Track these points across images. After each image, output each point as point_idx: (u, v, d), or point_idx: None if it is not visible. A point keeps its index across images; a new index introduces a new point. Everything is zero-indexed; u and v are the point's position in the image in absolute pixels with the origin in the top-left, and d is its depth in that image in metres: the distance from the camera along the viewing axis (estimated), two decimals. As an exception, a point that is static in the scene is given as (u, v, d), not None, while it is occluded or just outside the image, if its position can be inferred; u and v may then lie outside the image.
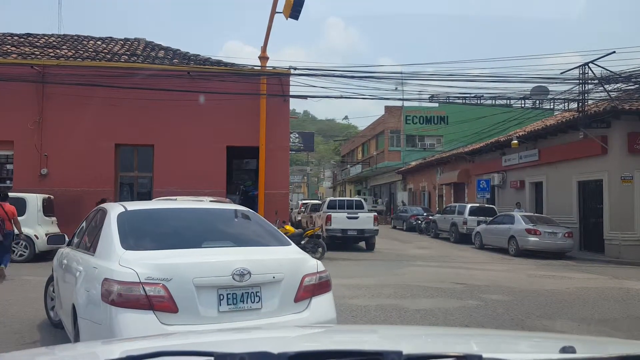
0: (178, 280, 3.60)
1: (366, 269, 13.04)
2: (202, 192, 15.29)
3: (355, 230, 17.34)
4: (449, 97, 16.60)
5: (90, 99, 15.75)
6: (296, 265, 4.09)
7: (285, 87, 16.22)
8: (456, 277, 11.33)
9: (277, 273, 3.92)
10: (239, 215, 4.95)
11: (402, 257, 16.30)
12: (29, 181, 15.63)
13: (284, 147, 16.66)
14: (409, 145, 39.29)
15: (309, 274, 4.05)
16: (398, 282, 10.53)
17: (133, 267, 3.59)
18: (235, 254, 4.02)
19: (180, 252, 3.92)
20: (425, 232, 25.70)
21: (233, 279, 3.70)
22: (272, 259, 4.12)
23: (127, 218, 4.26)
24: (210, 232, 4.54)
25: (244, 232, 4.67)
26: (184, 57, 18.46)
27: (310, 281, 4.02)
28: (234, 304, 3.72)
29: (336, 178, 67.16)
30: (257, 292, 3.80)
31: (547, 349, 1.71)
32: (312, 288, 4.02)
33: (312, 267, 4.15)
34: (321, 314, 4.01)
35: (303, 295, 3.97)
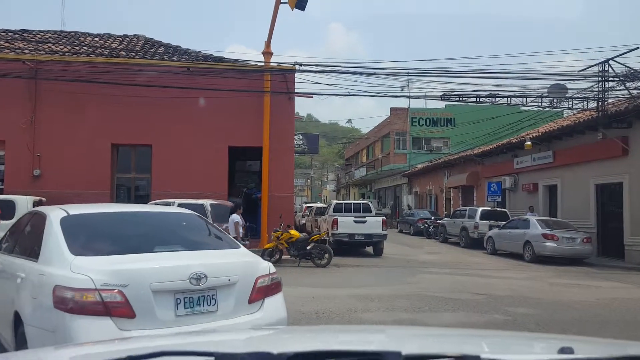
0: (135, 286, 3.59)
1: (376, 276, 12.23)
2: (203, 195, 14.57)
3: (363, 234, 16.53)
4: (462, 95, 15.79)
5: (85, 97, 15.04)
6: (250, 268, 4.17)
7: (290, 84, 15.46)
8: (474, 287, 10.52)
9: (232, 276, 3.99)
10: (186, 218, 4.92)
11: (412, 263, 15.48)
12: (20, 183, 14.90)
13: (288, 147, 15.88)
14: (415, 147, 38.47)
15: (262, 276, 4.14)
16: (412, 292, 9.72)
17: (87, 273, 3.53)
18: (192, 258, 4.05)
19: (135, 258, 3.88)
20: (433, 236, 24.86)
21: (190, 283, 3.74)
22: (226, 262, 4.18)
23: (72, 223, 4.16)
24: (161, 237, 4.51)
25: (193, 235, 4.67)
26: (184, 54, 17.73)
27: (263, 283, 4.12)
28: (191, 307, 3.77)
29: (340, 181, 66.42)
30: (213, 294, 3.87)
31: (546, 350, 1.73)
32: (265, 289, 4.13)
33: (265, 269, 4.24)
34: (273, 314, 4.12)
35: (256, 296, 4.07)
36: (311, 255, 13.79)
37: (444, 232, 23.20)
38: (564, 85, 16.20)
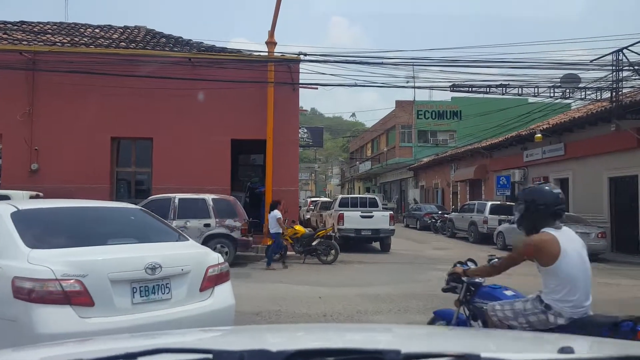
0: (94, 276, 3.80)
1: (385, 274, 11.79)
2: (205, 189, 14.14)
3: (370, 230, 16.09)
4: (472, 86, 15.27)
5: (84, 89, 14.59)
6: (201, 258, 4.44)
7: (294, 74, 14.96)
8: (488, 285, 10.06)
9: (185, 266, 4.24)
10: (134, 213, 5.11)
11: (421, 259, 15.04)
12: (18, 177, 14.49)
13: (293, 140, 15.41)
14: (420, 140, 37.96)
15: (212, 266, 4.41)
16: (425, 291, 9.27)
17: (47, 264, 3.72)
18: (147, 250, 4.29)
19: (92, 250, 4.08)
20: (440, 231, 24.41)
21: (146, 272, 3.98)
22: (179, 253, 4.44)
23: (23, 217, 4.29)
24: (112, 230, 4.67)
25: (143, 229, 4.85)
26: (186, 45, 17.25)
27: (213, 272, 4.39)
28: (146, 295, 4.00)
29: (344, 175, 65.99)
30: (167, 283, 4.11)
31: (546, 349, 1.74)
32: (215, 278, 4.40)
33: (215, 259, 4.51)
34: (223, 301, 4.41)
35: (207, 285, 4.33)
36: (317, 252, 13.37)
37: (451, 226, 22.73)
38: (576, 75, 15.68)
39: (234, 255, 12.61)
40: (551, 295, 3.50)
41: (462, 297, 4.13)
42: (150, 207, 12.64)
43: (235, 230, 12.57)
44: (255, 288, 9.45)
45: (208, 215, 12.54)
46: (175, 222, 12.30)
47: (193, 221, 12.43)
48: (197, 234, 12.35)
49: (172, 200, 12.56)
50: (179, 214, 12.43)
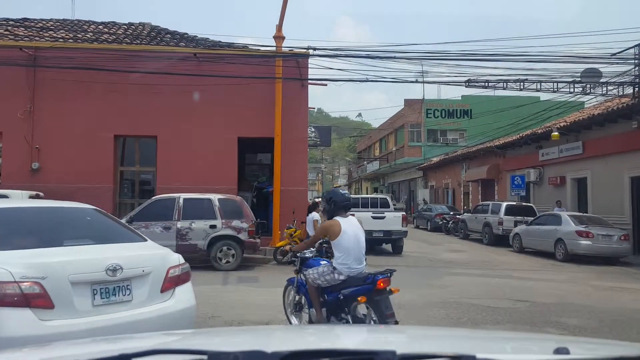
0: (53, 278, 3.75)
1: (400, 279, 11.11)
2: (211, 189, 13.63)
3: (382, 231, 15.49)
4: (488, 81, 14.65)
5: (86, 86, 14.13)
6: (162, 259, 4.41)
7: (303, 70, 14.40)
8: (513, 291, 9.45)
9: (146, 267, 4.21)
10: (89, 213, 4.96)
11: (436, 262, 14.43)
12: (19, 176, 14.02)
13: (302, 138, 14.84)
14: (430, 140, 37.29)
15: (173, 266, 4.39)
16: (445, 297, 8.68)
17: (5, 266, 3.63)
18: (107, 251, 4.24)
19: (51, 251, 4.01)
20: (453, 232, 23.76)
21: (106, 274, 3.94)
22: (140, 254, 4.40)
23: None
24: (68, 231, 4.57)
25: (100, 229, 4.76)
26: (191, 41, 16.73)
27: (174, 272, 4.37)
28: (107, 297, 3.96)
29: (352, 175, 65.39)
30: (128, 285, 4.08)
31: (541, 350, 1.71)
32: (176, 279, 4.39)
33: (175, 260, 4.50)
34: (184, 302, 4.38)
35: (168, 285, 4.31)
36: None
37: (464, 228, 22.09)
38: (597, 69, 15.02)
39: (241, 258, 12.07)
40: (336, 261, 5.17)
41: (298, 267, 5.82)
42: (154, 207, 12.17)
43: (242, 232, 12.03)
44: (264, 294, 8.89)
45: (214, 216, 12.00)
46: (180, 223, 11.81)
47: (198, 222, 11.90)
48: (202, 235, 11.84)
49: (176, 201, 12.04)
50: (184, 215, 11.91)
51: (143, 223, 11.72)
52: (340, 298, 5.12)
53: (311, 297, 5.41)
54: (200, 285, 9.77)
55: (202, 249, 11.84)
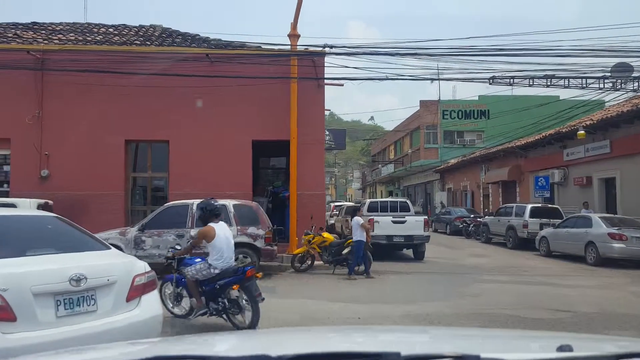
0: (15, 290, 3.63)
1: (426, 287, 10.58)
2: (225, 194, 13.09)
3: (403, 236, 14.85)
4: (514, 77, 13.98)
5: (96, 89, 13.70)
6: (127, 268, 4.32)
7: (319, 69, 13.84)
8: (549, 300, 8.79)
9: (111, 276, 4.11)
10: (51, 222, 4.86)
11: (461, 268, 13.77)
12: (27, 184, 13.61)
13: (318, 140, 14.27)
14: (446, 141, 36.53)
15: (139, 275, 4.29)
16: (477, 309, 8.04)
17: None
18: (70, 261, 4.11)
19: (12, 262, 3.87)
20: (474, 236, 23.02)
21: (70, 284, 3.84)
22: (105, 263, 4.29)
23: None
24: (29, 240, 4.42)
25: (62, 238, 4.60)
26: (203, 42, 16.27)
27: (140, 281, 4.27)
28: (71, 308, 3.85)
29: (366, 179, 64.74)
30: (93, 295, 3.98)
31: (545, 348, 1.71)
32: (142, 287, 4.29)
33: (141, 268, 4.40)
34: (150, 310, 4.31)
35: (133, 294, 4.22)
36: (347, 262, 12.20)
37: (486, 231, 21.35)
38: (628, 64, 14.29)
39: (257, 266, 11.51)
40: (211, 258, 6.41)
41: (175, 267, 6.90)
42: (167, 214, 11.67)
43: (258, 239, 11.48)
44: (281, 305, 8.33)
45: (229, 222, 11.42)
46: (193, 231, 11.28)
47: (212, 229, 11.37)
48: (217, 243, 11.30)
49: (189, 207, 11.53)
50: (197, 222, 11.37)
51: (155, 231, 11.24)
52: (217, 287, 6.33)
53: (190, 289, 6.50)
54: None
55: (216, 257, 11.31)
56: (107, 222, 13.42)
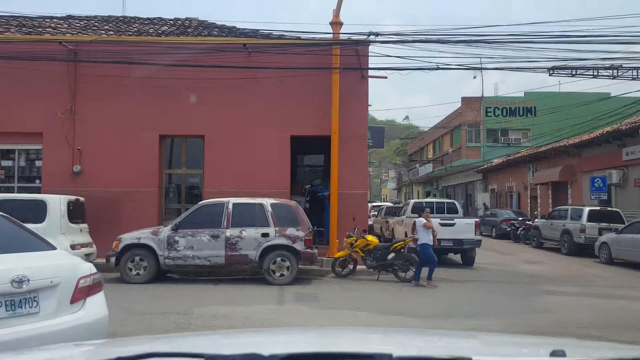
0: None
1: (483, 298, 9.55)
2: (261, 193, 12.35)
3: (451, 240, 13.79)
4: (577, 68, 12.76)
5: (129, 82, 13.16)
6: (72, 269, 4.25)
7: (362, 59, 12.92)
8: (635, 318, 7.65)
9: (55, 278, 4.05)
10: None
11: (517, 276, 12.65)
12: (59, 180, 13.13)
13: (361, 136, 13.33)
14: (489, 140, 35.03)
15: (84, 277, 4.24)
16: (552, 327, 6.98)
17: None
18: (12, 262, 3.99)
19: None
20: (523, 240, 21.68)
21: (12, 286, 3.76)
22: (48, 265, 4.20)
23: None
24: None
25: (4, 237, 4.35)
26: (240, 34, 15.57)
27: (85, 283, 4.22)
28: (12, 310, 3.79)
29: (401, 179, 63.39)
30: (35, 297, 3.92)
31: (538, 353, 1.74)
32: (87, 289, 4.24)
33: (87, 270, 4.34)
34: (95, 313, 4.24)
35: (78, 296, 4.16)
36: (393, 267, 11.24)
37: (537, 235, 20.00)
38: None
39: (296, 271, 10.68)
40: None
41: None
42: (201, 213, 10.94)
43: (297, 241, 10.65)
44: (328, 317, 7.47)
45: (266, 223, 10.68)
46: (229, 231, 10.54)
47: (249, 230, 10.60)
48: (254, 244, 10.53)
49: (225, 206, 10.78)
50: (233, 222, 10.63)
51: (189, 231, 10.53)
52: None
53: None
54: (251, 305, 8.43)
55: (253, 260, 10.53)
56: (140, 220, 12.84)
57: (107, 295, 9.36)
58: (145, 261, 10.42)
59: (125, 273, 10.37)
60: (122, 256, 10.44)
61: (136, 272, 10.41)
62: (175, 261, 10.48)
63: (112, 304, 8.69)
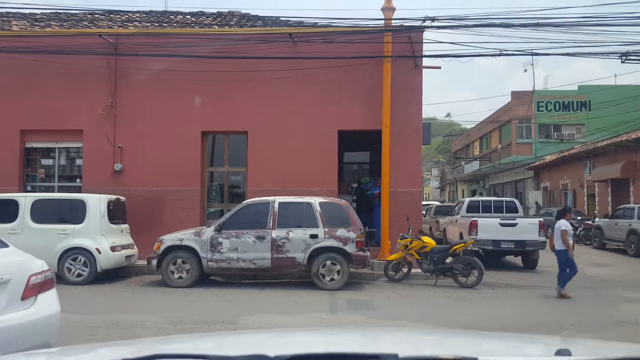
0: None
1: (560, 307, 8.54)
2: (308, 191, 11.66)
3: (513, 242, 12.75)
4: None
5: (170, 77, 12.66)
6: (22, 266, 4.29)
7: (416, 46, 12.02)
8: None
9: (5, 274, 4.07)
10: None
11: (587, 281, 11.49)
12: (100, 179, 12.76)
13: (415, 130, 12.42)
14: (541, 136, 33.38)
15: (35, 274, 4.28)
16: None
17: None
18: None
19: None
20: (583, 240, 20.29)
21: None
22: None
23: None
24: None
25: None
26: (284, 26, 14.90)
27: (36, 280, 4.26)
28: None
29: (445, 177, 61.78)
30: None
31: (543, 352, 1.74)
32: (39, 286, 4.27)
33: (38, 267, 4.37)
34: (47, 309, 4.27)
35: (29, 293, 4.21)
36: (453, 272, 10.32)
37: (599, 236, 18.62)
38: None
39: (347, 275, 9.91)
40: None
41: None
42: (246, 213, 10.24)
43: (349, 243, 9.88)
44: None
45: (315, 223, 9.95)
46: (275, 232, 9.87)
47: (296, 231, 9.90)
48: (301, 247, 9.81)
49: (270, 205, 10.11)
50: (280, 222, 9.95)
51: (233, 232, 9.90)
52: None
53: None
54: (301, 313, 7.69)
55: (301, 263, 9.82)
56: (181, 220, 12.36)
57: (148, 300, 8.85)
58: (188, 264, 9.85)
59: (167, 276, 9.82)
60: (163, 258, 9.89)
61: (178, 276, 9.84)
62: (219, 264, 9.87)
63: (153, 311, 8.13)
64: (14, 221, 10.06)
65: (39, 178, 13.33)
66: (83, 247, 9.98)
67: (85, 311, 7.59)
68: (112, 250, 10.25)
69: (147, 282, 10.36)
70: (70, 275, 9.91)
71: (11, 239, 9.88)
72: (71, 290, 9.33)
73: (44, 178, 13.30)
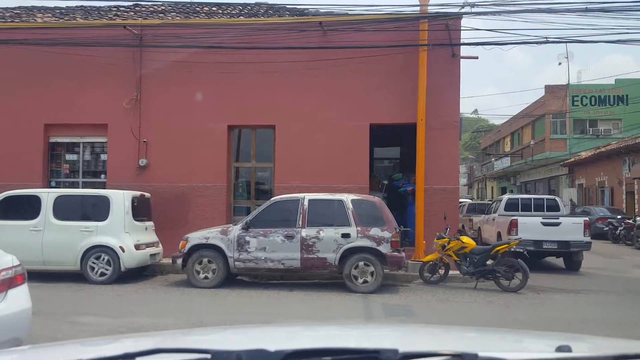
0: None
1: (614, 314, 7.86)
2: (338, 188, 11.10)
3: (555, 242, 12.00)
4: None
5: (197, 68, 12.25)
6: None
7: (454, 34, 11.34)
8: None
9: None
10: None
11: (635, 284, 10.75)
12: (125, 174, 12.42)
13: (452, 123, 11.75)
14: (576, 131, 32.24)
15: (5, 269, 4.26)
16: None
17: None
18: None
19: None
20: (624, 240, 19.34)
21: None
22: None
23: None
24: None
25: None
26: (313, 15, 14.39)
27: (6, 275, 4.24)
28: None
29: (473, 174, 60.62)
30: None
31: (543, 348, 1.71)
32: (9, 281, 4.25)
33: (8, 262, 4.35)
34: (18, 304, 4.25)
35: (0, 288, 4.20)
36: (495, 274, 9.66)
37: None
38: None
39: (382, 277, 9.34)
40: None
41: None
42: (274, 210, 9.68)
43: (383, 243, 9.31)
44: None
45: (347, 222, 9.41)
46: (305, 231, 9.36)
47: (327, 230, 9.37)
48: (333, 246, 9.28)
49: (300, 202, 9.60)
50: (309, 220, 9.43)
51: (261, 230, 9.42)
52: None
53: None
54: (335, 319, 7.21)
55: (332, 263, 9.29)
56: (207, 217, 11.94)
57: (173, 302, 8.42)
58: (214, 263, 9.40)
59: (193, 276, 9.39)
60: (189, 257, 9.46)
61: (204, 276, 9.41)
62: (246, 264, 9.40)
63: (178, 313, 7.68)
64: (36, 218, 9.75)
65: (63, 173, 13.06)
66: (106, 245, 9.63)
67: (108, 314, 7.22)
68: (136, 249, 9.89)
69: (172, 282, 9.96)
70: (93, 274, 9.57)
71: (33, 236, 9.65)
72: (94, 290, 8.99)
73: (68, 174, 13.03)
